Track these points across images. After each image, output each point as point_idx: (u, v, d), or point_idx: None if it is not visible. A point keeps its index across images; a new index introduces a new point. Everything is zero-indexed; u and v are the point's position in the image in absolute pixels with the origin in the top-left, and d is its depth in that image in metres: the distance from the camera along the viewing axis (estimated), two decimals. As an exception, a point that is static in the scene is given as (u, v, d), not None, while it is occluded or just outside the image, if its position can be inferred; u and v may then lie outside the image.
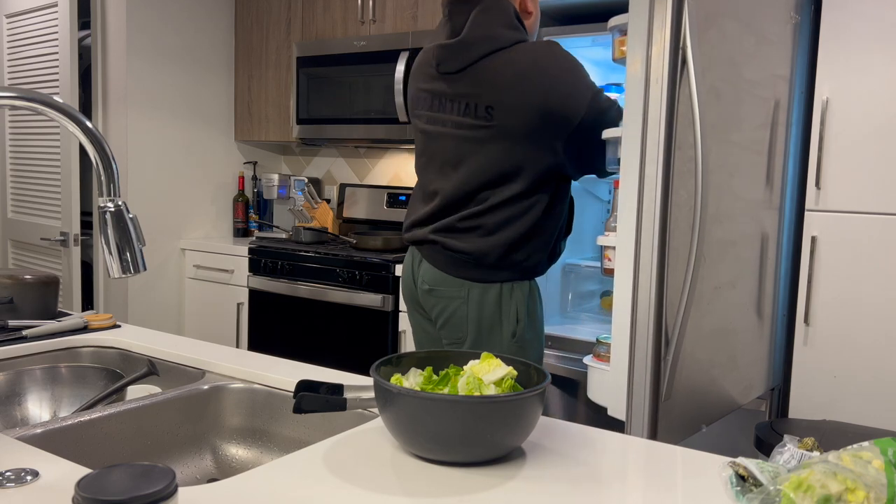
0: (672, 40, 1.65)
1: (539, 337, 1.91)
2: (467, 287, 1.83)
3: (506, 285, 1.83)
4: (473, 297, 1.82)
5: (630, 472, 0.96)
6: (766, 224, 2.14)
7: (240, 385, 1.30)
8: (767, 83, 2.07)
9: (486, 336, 1.84)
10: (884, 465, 0.79)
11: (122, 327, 1.64)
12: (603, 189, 3.10)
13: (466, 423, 0.90)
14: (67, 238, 3.43)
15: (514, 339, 1.85)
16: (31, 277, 1.66)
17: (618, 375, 1.75)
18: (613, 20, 2.32)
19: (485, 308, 1.82)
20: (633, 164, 1.70)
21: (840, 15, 2.13)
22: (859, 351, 2.14)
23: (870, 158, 2.11)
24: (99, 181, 1.04)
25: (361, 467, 0.93)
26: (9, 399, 1.31)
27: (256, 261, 3.48)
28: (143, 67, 3.59)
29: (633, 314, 1.72)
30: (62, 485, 0.84)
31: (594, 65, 2.99)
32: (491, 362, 1.01)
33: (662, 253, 1.69)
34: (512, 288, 1.84)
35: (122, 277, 1.05)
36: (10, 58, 3.73)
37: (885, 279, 2.10)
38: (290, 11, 3.72)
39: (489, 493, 0.87)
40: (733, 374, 2.06)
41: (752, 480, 0.84)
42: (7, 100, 0.98)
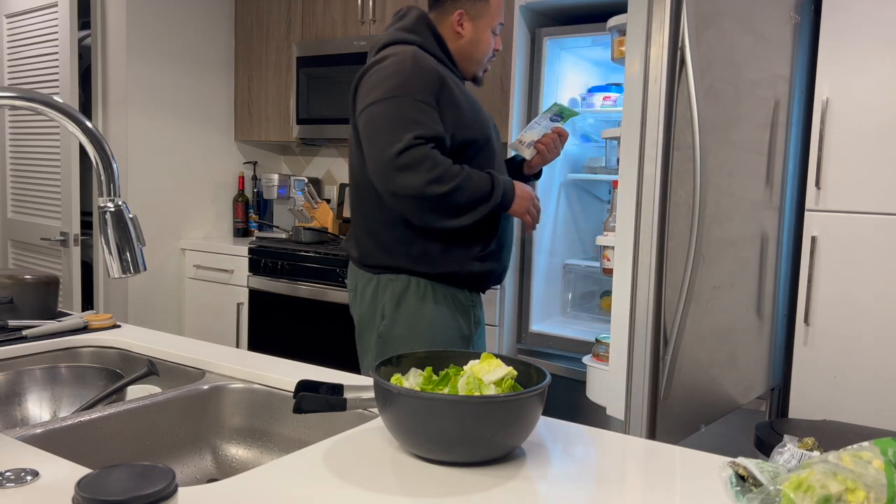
0: (671, 40, 1.65)
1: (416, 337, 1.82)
2: (356, 277, 1.91)
3: (383, 277, 1.84)
4: (359, 287, 1.90)
5: (630, 472, 0.96)
6: (765, 224, 2.14)
7: (240, 385, 1.30)
8: (767, 83, 2.07)
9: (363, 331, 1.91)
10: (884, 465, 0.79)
11: (122, 327, 1.64)
12: (602, 189, 3.10)
13: (466, 423, 0.91)
14: (67, 238, 3.43)
15: (379, 336, 1.86)
16: (31, 277, 1.66)
17: (617, 375, 1.75)
18: (613, 20, 2.32)
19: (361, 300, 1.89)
20: (632, 165, 1.70)
21: (840, 15, 2.14)
22: (859, 351, 2.14)
23: (870, 158, 2.11)
24: (99, 181, 1.04)
25: (361, 467, 0.93)
26: (9, 399, 1.31)
27: (256, 261, 3.48)
28: (143, 67, 3.59)
29: (631, 314, 1.72)
30: (62, 485, 0.84)
31: (594, 65, 2.99)
32: (491, 362, 1.01)
33: (661, 253, 1.69)
34: (385, 281, 1.84)
35: (122, 277, 1.05)
36: (10, 58, 3.73)
37: (884, 279, 2.10)
38: (290, 11, 3.72)
39: (489, 493, 0.87)
40: (733, 374, 2.06)
41: (751, 480, 0.84)
42: (7, 100, 0.98)
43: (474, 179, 1.75)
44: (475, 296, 1.92)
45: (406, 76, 1.72)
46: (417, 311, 1.82)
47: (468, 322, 1.88)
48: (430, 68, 1.75)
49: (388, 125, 1.71)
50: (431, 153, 1.69)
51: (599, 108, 2.76)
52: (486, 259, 1.86)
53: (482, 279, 1.89)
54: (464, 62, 1.90)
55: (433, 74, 1.75)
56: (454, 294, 1.85)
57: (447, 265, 1.82)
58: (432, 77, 1.74)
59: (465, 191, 1.73)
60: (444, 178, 1.70)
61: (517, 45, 2.71)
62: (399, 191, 1.70)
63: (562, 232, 2.93)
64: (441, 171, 1.70)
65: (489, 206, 1.77)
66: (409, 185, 1.69)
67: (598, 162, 2.84)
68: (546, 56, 2.74)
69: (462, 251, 1.83)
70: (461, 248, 1.83)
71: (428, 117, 1.72)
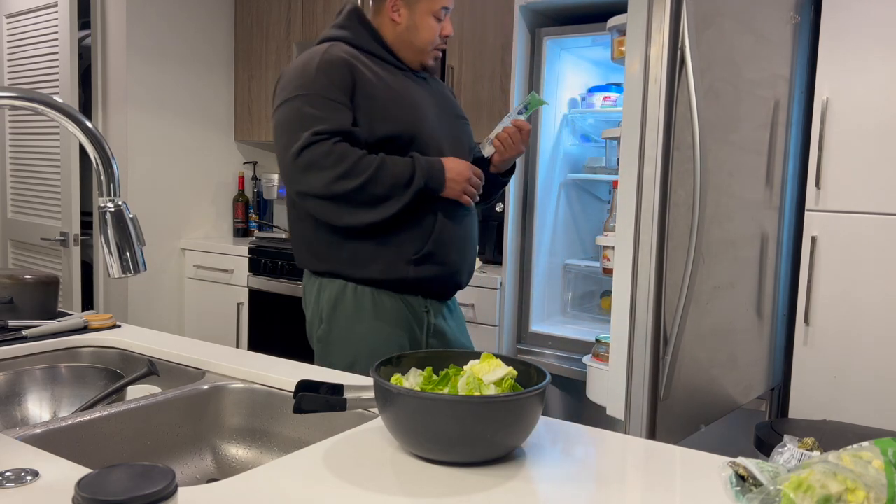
0: (671, 40, 1.65)
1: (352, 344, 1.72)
2: (304, 278, 1.84)
3: (323, 280, 1.76)
4: (306, 288, 1.82)
5: (630, 472, 0.96)
6: (765, 224, 2.14)
7: (240, 385, 1.30)
8: (767, 83, 2.07)
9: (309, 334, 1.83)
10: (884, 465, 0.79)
11: (122, 327, 1.64)
12: (602, 189, 3.10)
13: (466, 423, 0.91)
14: (67, 238, 3.43)
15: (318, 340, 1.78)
16: (31, 277, 1.66)
17: (617, 375, 1.75)
18: (613, 20, 2.33)
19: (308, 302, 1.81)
20: (632, 165, 1.70)
21: (840, 15, 2.14)
22: (859, 351, 2.14)
23: (870, 158, 2.11)
24: (99, 181, 1.04)
25: (361, 467, 0.93)
26: (9, 399, 1.31)
27: (256, 261, 3.48)
28: (143, 67, 3.59)
29: (631, 314, 1.72)
30: (62, 485, 0.84)
31: (594, 65, 2.99)
32: (491, 362, 1.01)
33: (661, 253, 1.69)
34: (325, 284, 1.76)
35: (122, 277, 1.05)
36: (10, 58, 3.73)
37: (884, 279, 2.10)
38: (290, 11, 3.72)
39: (489, 493, 0.87)
40: (733, 374, 2.06)
41: (751, 480, 0.84)
42: (7, 100, 0.98)
43: (390, 167, 1.65)
44: (432, 302, 1.79)
45: (310, 74, 1.66)
46: (354, 317, 1.72)
47: (421, 329, 1.77)
48: (338, 63, 1.67)
49: (289, 126, 1.65)
50: (335, 148, 1.61)
51: (599, 108, 2.76)
52: (424, 262, 1.73)
53: (424, 285, 1.76)
54: (404, 50, 1.79)
55: (342, 69, 1.67)
56: (403, 299, 1.74)
57: (379, 270, 1.71)
58: (340, 71, 1.66)
59: (379, 181, 1.63)
60: (354, 172, 1.61)
61: (517, 45, 2.71)
62: (306, 191, 1.64)
63: (562, 232, 2.93)
64: (348, 164, 1.61)
65: (411, 192, 1.65)
66: (314, 185, 1.62)
67: (598, 162, 2.84)
68: (546, 56, 2.74)
69: (394, 254, 1.71)
70: (392, 250, 1.71)
71: (332, 112, 1.64)
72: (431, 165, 1.69)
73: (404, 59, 1.80)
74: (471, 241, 1.83)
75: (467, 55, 3.13)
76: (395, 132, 1.70)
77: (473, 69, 3.11)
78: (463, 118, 1.91)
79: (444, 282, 1.78)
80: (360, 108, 1.67)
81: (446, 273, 1.77)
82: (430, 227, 1.73)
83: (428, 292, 1.78)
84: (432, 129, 1.76)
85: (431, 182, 1.69)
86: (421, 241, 1.72)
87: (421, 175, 1.67)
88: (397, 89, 1.73)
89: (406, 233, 1.72)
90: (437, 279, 1.76)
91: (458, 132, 1.85)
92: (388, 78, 1.74)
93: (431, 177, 1.68)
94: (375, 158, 1.65)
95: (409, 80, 1.79)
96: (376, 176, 1.63)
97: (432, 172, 1.69)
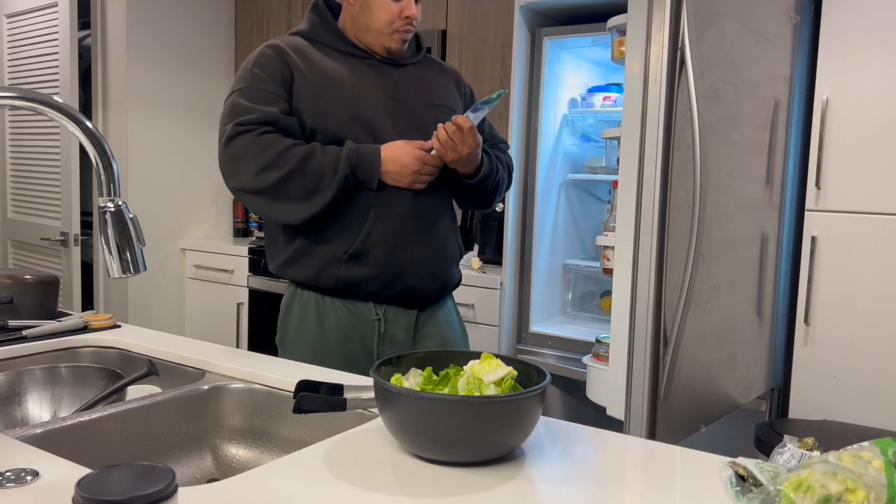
0: (671, 41, 1.65)
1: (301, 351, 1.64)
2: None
3: (289, 287, 1.71)
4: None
5: (630, 472, 0.96)
6: (765, 224, 2.14)
7: (240, 385, 1.30)
8: (767, 83, 2.07)
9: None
10: (884, 465, 0.79)
11: (122, 327, 1.64)
12: (603, 189, 3.10)
13: (466, 423, 0.90)
14: (67, 238, 3.43)
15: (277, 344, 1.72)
16: (31, 277, 1.66)
17: (617, 375, 1.75)
18: (613, 20, 2.33)
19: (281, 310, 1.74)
20: (632, 165, 1.70)
21: (840, 15, 2.14)
22: (859, 351, 2.14)
23: (870, 158, 2.11)
24: (99, 181, 1.04)
25: (361, 467, 0.93)
26: (9, 399, 1.31)
27: (256, 261, 3.48)
28: (143, 67, 3.59)
29: (631, 314, 1.72)
30: (62, 485, 0.84)
31: (594, 65, 2.99)
32: (491, 362, 1.01)
33: (661, 253, 1.69)
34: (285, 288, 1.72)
35: (122, 277, 1.05)
36: (10, 58, 3.73)
37: (885, 279, 2.10)
38: (290, 11, 3.72)
39: (489, 493, 0.87)
40: (733, 374, 2.06)
41: (751, 480, 0.84)
42: (7, 100, 0.98)
43: (318, 156, 1.56)
44: (392, 308, 1.65)
45: (247, 70, 1.62)
46: (300, 326, 1.65)
47: (372, 338, 1.64)
48: (272, 55, 1.62)
49: (222, 121, 1.61)
50: (259, 139, 1.54)
51: (599, 108, 2.76)
52: (355, 261, 1.60)
53: (362, 288, 1.61)
54: (363, 35, 1.69)
55: (276, 60, 1.61)
56: (348, 305, 1.63)
57: (312, 270, 1.62)
58: (274, 63, 1.61)
59: (306, 171, 1.54)
60: (277, 163, 1.54)
61: (517, 45, 2.71)
62: (235, 185, 1.58)
63: (562, 232, 2.93)
64: (272, 155, 1.53)
65: (336, 182, 1.55)
66: (242, 179, 1.56)
67: (598, 162, 2.84)
68: (546, 56, 2.74)
69: (325, 253, 1.61)
70: (324, 249, 1.61)
71: (261, 103, 1.58)
72: (363, 152, 1.58)
73: (368, 45, 1.70)
74: (426, 240, 1.66)
75: (467, 55, 3.13)
76: (324, 123, 1.61)
77: (473, 69, 3.11)
78: (439, 105, 1.75)
79: (385, 285, 1.63)
80: (297, 98, 1.61)
81: (385, 275, 1.62)
82: (363, 222, 1.61)
83: (375, 297, 1.64)
84: (374, 119, 1.64)
85: (362, 171, 1.57)
86: (351, 237, 1.60)
87: (346, 163, 1.56)
88: (336, 78, 1.64)
89: (336, 228, 1.61)
90: (374, 281, 1.61)
91: (424, 121, 1.69)
92: (333, 67, 1.65)
93: (361, 164, 1.57)
94: (302, 148, 1.56)
95: (364, 69, 1.69)
96: (302, 166, 1.54)
97: (363, 160, 1.57)
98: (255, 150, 1.54)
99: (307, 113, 1.61)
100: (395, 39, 1.69)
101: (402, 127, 1.67)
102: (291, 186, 1.55)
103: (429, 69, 1.81)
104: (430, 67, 1.82)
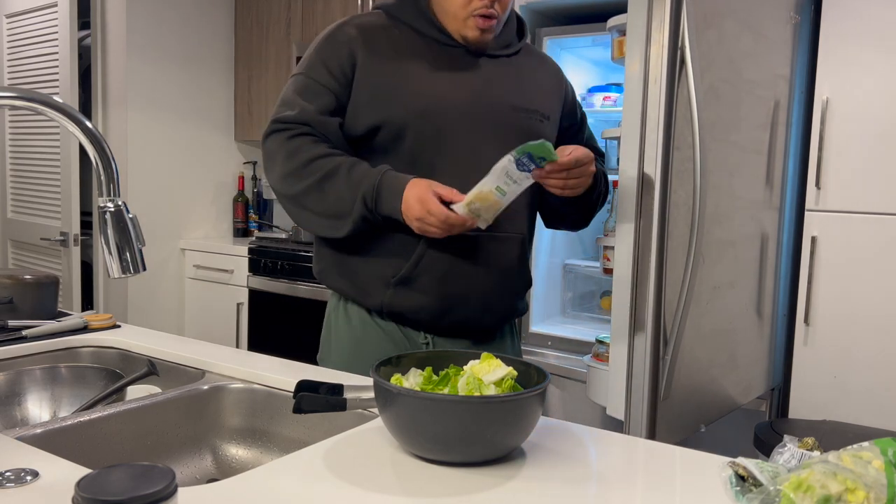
0: (671, 40, 1.65)
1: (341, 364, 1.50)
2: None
3: (332, 298, 1.58)
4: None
5: (630, 472, 0.96)
6: (765, 224, 2.14)
7: (240, 385, 1.30)
8: (767, 83, 2.07)
9: None
10: (884, 465, 0.79)
11: (121, 327, 1.64)
12: (603, 189, 3.10)
13: (466, 423, 0.90)
14: (67, 238, 3.43)
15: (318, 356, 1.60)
16: (31, 277, 1.66)
17: (617, 375, 1.75)
18: (613, 20, 2.32)
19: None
20: (632, 165, 1.70)
21: (840, 15, 2.13)
22: (859, 351, 2.14)
23: (870, 158, 2.11)
24: (99, 181, 1.04)
25: (361, 467, 0.93)
26: (9, 399, 1.31)
27: (256, 261, 3.48)
28: (143, 67, 3.59)
29: (631, 314, 1.72)
30: (62, 485, 0.84)
31: (594, 65, 2.99)
32: (491, 362, 1.01)
33: (661, 253, 1.69)
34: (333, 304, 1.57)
35: (122, 277, 1.05)
36: (10, 58, 3.73)
37: (885, 279, 2.10)
38: (290, 11, 3.72)
39: (489, 493, 0.87)
40: (733, 374, 2.06)
41: (751, 480, 0.84)
42: (7, 100, 0.98)
43: (343, 177, 1.37)
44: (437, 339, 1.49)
45: (310, 52, 1.47)
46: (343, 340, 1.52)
47: None
48: (338, 39, 1.45)
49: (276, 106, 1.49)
50: (290, 142, 1.40)
51: (599, 108, 2.76)
52: (404, 288, 1.43)
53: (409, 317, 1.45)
54: (442, 17, 1.46)
55: (340, 46, 1.44)
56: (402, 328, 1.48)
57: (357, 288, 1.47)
58: (337, 49, 1.43)
59: (325, 192, 1.38)
60: (301, 173, 1.39)
61: (517, 45, 2.71)
62: (269, 182, 1.46)
63: (562, 232, 2.93)
64: (297, 163, 1.39)
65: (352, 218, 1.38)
66: (271, 178, 1.45)
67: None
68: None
69: (372, 272, 1.46)
70: (371, 268, 1.46)
71: (308, 97, 1.42)
72: (388, 187, 1.36)
73: (450, 30, 1.47)
74: (487, 269, 1.46)
75: (467, 55, 3.13)
76: (388, 118, 1.41)
77: (473, 69, 3.10)
78: (528, 111, 1.52)
79: (434, 316, 1.45)
80: (358, 91, 1.43)
81: (434, 307, 1.44)
82: (413, 246, 1.42)
83: (423, 326, 1.48)
84: (445, 120, 1.42)
85: (382, 207, 1.36)
86: (400, 261, 1.43)
87: (360, 203, 1.37)
88: (409, 68, 1.44)
89: (386, 248, 1.44)
90: (421, 311, 1.45)
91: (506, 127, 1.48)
92: (409, 54, 1.45)
93: (381, 202, 1.36)
94: (328, 163, 1.38)
95: (446, 59, 1.47)
96: (321, 186, 1.38)
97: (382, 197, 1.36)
98: (283, 153, 1.42)
99: (368, 107, 1.42)
100: (470, 27, 1.44)
101: (477, 131, 1.45)
102: (312, 201, 1.41)
103: (527, 63, 1.57)
104: (529, 61, 1.58)
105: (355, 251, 1.47)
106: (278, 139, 1.43)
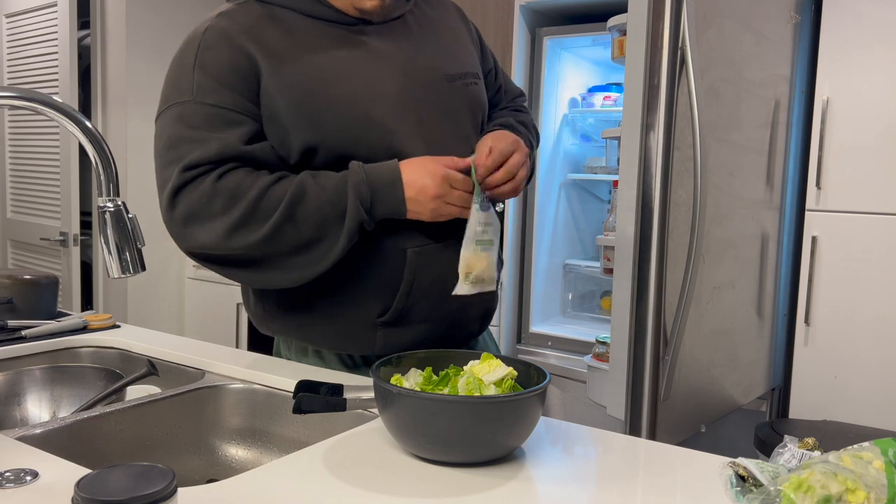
0: (671, 40, 1.65)
1: None
2: None
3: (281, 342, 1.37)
4: None
5: (630, 472, 0.96)
6: (766, 224, 2.14)
7: (240, 385, 1.29)
8: (767, 83, 2.07)
9: None
10: (884, 465, 0.79)
11: (121, 327, 1.64)
12: (603, 189, 3.10)
13: (466, 423, 0.90)
14: (67, 238, 3.43)
15: None
16: (30, 277, 1.65)
17: (617, 375, 1.75)
18: (613, 20, 2.33)
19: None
20: (632, 165, 1.70)
21: (840, 15, 2.13)
22: (859, 351, 2.14)
23: (870, 158, 2.11)
24: (98, 181, 1.04)
25: (361, 467, 0.93)
26: (8, 399, 1.31)
27: (256, 261, 3.48)
28: (143, 67, 3.59)
29: (632, 314, 1.72)
30: (62, 485, 0.84)
31: (594, 65, 2.99)
32: (491, 362, 1.01)
33: (661, 253, 1.69)
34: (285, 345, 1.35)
35: (122, 277, 1.05)
36: (9, 58, 3.73)
37: (885, 279, 2.10)
38: (289, 11, 3.72)
39: (489, 493, 0.86)
40: (733, 374, 2.06)
41: (752, 480, 0.83)
42: (7, 100, 0.98)
43: (314, 192, 1.09)
44: None
45: (186, 74, 1.15)
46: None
47: None
48: (223, 47, 1.14)
49: (158, 158, 1.18)
50: (219, 186, 1.09)
51: (599, 108, 2.76)
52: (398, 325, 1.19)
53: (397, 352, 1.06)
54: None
55: (232, 55, 1.13)
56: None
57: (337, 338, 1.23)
58: (231, 61, 1.13)
59: (298, 222, 1.10)
60: (257, 215, 1.09)
61: (517, 44, 2.71)
62: (197, 251, 1.14)
63: (562, 232, 2.93)
64: (247, 205, 1.09)
65: (346, 231, 1.11)
66: (205, 242, 1.12)
67: (598, 162, 2.84)
68: (546, 56, 2.74)
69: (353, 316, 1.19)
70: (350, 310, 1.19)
71: (217, 126, 1.11)
72: (377, 180, 1.11)
73: (338, 5, 1.19)
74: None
75: (467, 55, 3.12)
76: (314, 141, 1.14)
77: (473, 69, 3.10)
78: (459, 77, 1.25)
79: (436, 343, 1.22)
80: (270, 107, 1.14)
81: (436, 333, 1.22)
82: (399, 271, 1.17)
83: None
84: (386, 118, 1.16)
85: (383, 206, 1.12)
86: (387, 293, 1.17)
87: (357, 205, 1.10)
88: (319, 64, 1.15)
89: (363, 282, 1.18)
90: (423, 343, 1.19)
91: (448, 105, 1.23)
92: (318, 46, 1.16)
93: (378, 198, 1.11)
94: (288, 185, 1.10)
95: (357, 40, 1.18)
96: (292, 214, 1.09)
97: (379, 192, 1.11)
98: (219, 202, 1.10)
99: (294, 126, 1.14)
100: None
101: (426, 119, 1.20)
102: (282, 240, 1.11)
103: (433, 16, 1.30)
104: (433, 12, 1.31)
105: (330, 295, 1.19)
106: (200, 188, 1.11)
